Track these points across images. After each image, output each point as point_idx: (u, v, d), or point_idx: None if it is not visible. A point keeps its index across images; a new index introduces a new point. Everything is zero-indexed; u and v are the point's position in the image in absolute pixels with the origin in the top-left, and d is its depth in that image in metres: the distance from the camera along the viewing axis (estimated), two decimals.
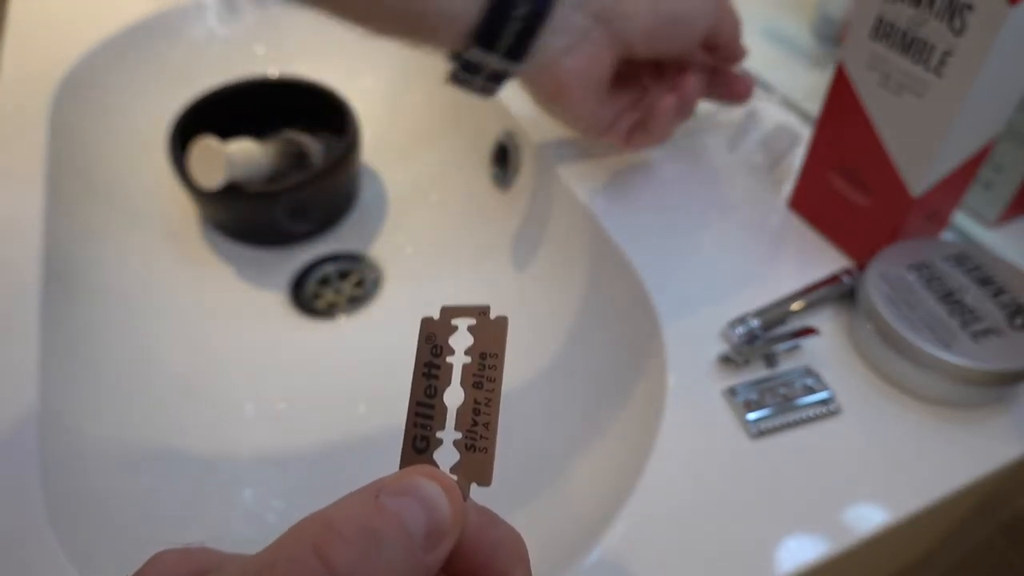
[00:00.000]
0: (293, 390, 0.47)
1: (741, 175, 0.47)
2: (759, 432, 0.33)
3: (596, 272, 0.45)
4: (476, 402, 0.19)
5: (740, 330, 0.37)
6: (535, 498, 0.38)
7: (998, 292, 0.35)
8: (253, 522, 0.40)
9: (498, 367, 0.19)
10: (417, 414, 0.19)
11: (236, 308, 0.52)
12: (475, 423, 0.19)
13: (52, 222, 0.44)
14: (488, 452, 0.19)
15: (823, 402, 0.34)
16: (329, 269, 0.55)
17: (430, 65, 0.41)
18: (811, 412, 0.34)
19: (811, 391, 0.35)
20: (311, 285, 0.54)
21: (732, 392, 0.35)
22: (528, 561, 0.19)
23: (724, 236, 0.43)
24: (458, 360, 0.19)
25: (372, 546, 0.14)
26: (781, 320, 0.38)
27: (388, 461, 0.20)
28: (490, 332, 0.19)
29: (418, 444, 0.19)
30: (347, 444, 0.44)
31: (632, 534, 0.30)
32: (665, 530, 0.30)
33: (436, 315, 0.19)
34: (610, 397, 0.40)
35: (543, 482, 0.38)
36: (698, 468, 0.32)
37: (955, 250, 0.38)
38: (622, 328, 0.42)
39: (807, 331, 0.35)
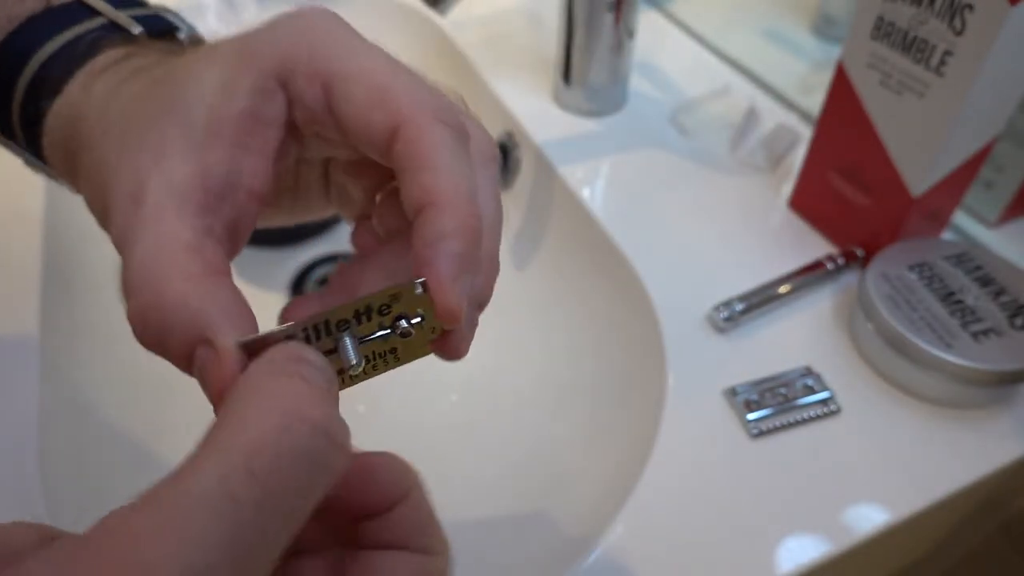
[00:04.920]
0: None
1: (741, 175, 0.47)
2: (759, 432, 0.33)
3: (596, 272, 0.45)
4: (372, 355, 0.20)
5: (724, 313, 0.37)
6: (536, 498, 0.37)
7: (999, 292, 0.35)
8: None
9: (384, 370, 0.20)
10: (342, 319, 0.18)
11: None
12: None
13: (52, 221, 0.44)
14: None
15: (823, 402, 0.34)
16: (329, 269, 0.55)
17: (429, 65, 0.41)
18: (811, 412, 0.34)
19: (811, 391, 0.35)
20: (311, 285, 0.53)
21: (732, 392, 0.35)
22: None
23: (725, 237, 0.43)
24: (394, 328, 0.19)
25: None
26: (767, 303, 0.38)
27: None
28: (413, 346, 0.20)
29: (310, 333, 0.18)
30: None
31: (632, 534, 0.30)
32: (665, 530, 0.30)
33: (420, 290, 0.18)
34: (610, 397, 0.40)
35: (543, 482, 0.38)
36: (698, 468, 0.32)
37: (956, 250, 0.38)
38: (622, 328, 0.42)
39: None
